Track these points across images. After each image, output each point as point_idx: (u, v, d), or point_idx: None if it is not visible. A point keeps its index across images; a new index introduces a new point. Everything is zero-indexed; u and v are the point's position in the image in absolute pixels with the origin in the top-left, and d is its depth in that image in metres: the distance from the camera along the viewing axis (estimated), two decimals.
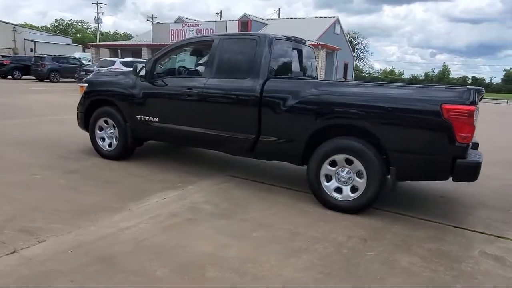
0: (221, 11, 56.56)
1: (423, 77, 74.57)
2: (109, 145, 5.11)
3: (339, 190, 3.63)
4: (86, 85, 5.18)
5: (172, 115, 4.49)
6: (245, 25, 26.95)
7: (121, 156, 5.04)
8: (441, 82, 63.48)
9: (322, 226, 3.30)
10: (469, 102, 3.05)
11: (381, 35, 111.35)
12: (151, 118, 4.61)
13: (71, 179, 4.23)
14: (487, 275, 2.61)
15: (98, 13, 54.93)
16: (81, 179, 4.27)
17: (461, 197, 4.31)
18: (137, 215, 3.33)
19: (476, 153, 3.40)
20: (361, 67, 64.94)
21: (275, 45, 4.06)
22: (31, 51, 42.08)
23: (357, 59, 47.41)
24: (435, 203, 4.10)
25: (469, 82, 66.24)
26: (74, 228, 2.99)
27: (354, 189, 3.56)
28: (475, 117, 3.04)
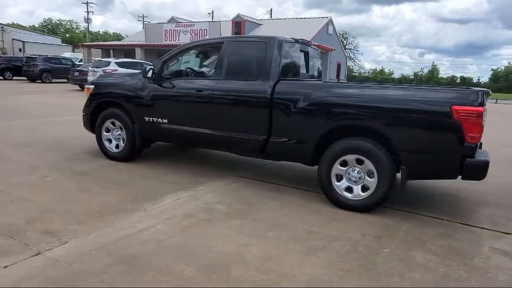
0: (213, 11, 56.47)
1: (413, 77, 75.45)
2: (116, 147, 5.12)
3: (349, 189, 3.71)
4: (92, 87, 5.18)
5: (181, 117, 4.53)
6: (239, 26, 26.99)
7: (128, 157, 5.06)
8: (430, 81, 64.28)
9: (335, 225, 3.38)
10: (478, 103, 3.16)
11: (370, 35, 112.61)
12: (160, 119, 4.65)
13: (81, 181, 4.24)
14: (498, 269, 2.71)
15: (88, 12, 54.55)
16: (91, 180, 4.28)
17: (465, 195, 4.44)
18: (153, 216, 3.37)
19: (483, 152, 3.52)
20: (352, 67, 65.43)
21: (284, 48, 4.13)
22: (20, 51, 41.43)
23: (348, 59, 47.75)
24: (441, 201, 4.21)
25: (457, 81, 67.20)
26: (93, 229, 3.02)
27: (364, 189, 3.65)
28: (483, 117, 3.15)
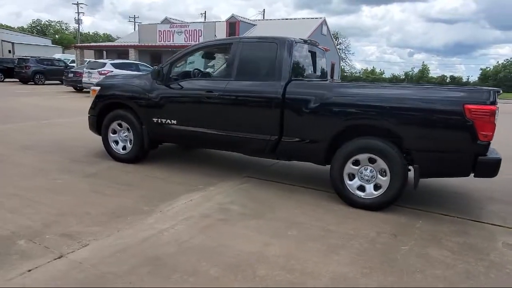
0: (205, 12, 56.31)
1: (404, 77, 76.15)
2: (123, 148, 5.10)
3: (361, 188, 3.76)
4: (98, 88, 5.15)
5: (191, 118, 4.53)
6: (233, 26, 27.00)
7: (135, 159, 5.04)
8: (420, 81, 64.90)
9: (350, 223, 3.42)
10: (490, 102, 3.22)
11: (360, 35, 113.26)
12: (169, 120, 4.64)
13: (93, 183, 4.22)
14: None
15: (78, 13, 53.96)
16: (102, 182, 4.27)
17: (471, 192, 4.51)
18: (170, 217, 3.37)
19: (492, 150, 3.58)
20: (343, 67, 65.80)
21: (294, 48, 4.16)
22: (9, 52, 40.84)
23: (340, 59, 48.01)
24: (449, 198, 4.28)
25: (447, 81, 67.99)
26: (112, 231, 3.02)
27: (377, 187, 3.69)
28: (496, 116, 3.22)
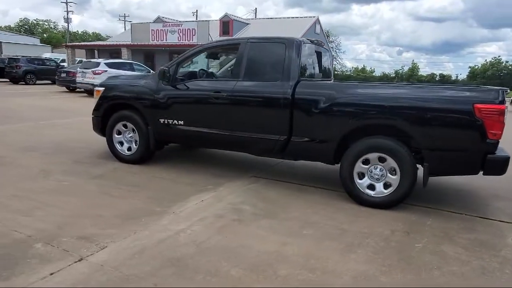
0: (197, 11, 56.04)
1: (394, 75, 76.85)
2: (128, 149, 5.07)
3: (371, 187, 3.80)
4: (102, 89, 5.11)
5: (198, 118, 4.53)
6: (227, 25, 26.95)
7: (140, 160, 5.02)
8: (411, 79, 65.53)
9: (362, 221, 3.46)
10: (498, 101, 3.29)
11: (350, 34, 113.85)
12: (176, 121, 4.63)
13: (100, 184, 4.20)
14: None
15: (68, 12, 53.26)
16: (109, 184, 4.24)
17: (476, 190, 4.59)
18: (183, 218, 3.37)
19: (501, 149, 3.65)
20: (334, 66, 66.04)
21: (302, 48, 4.18)
22: None
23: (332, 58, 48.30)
24: (455, 196, 4.35)
25: (436, 79, 68.75)
26: (128, 233, 3.01)
27: (386, 186, 3.74)
28: (505, 115, 3.28)
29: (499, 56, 64.81)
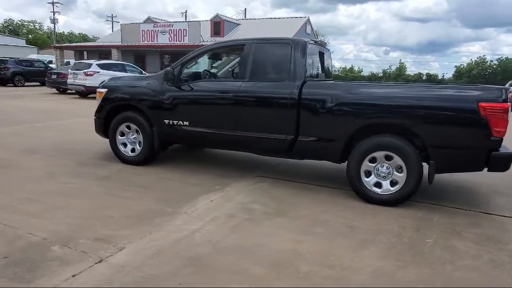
0: (186, 11, 55.83)
1: (382, 74, 77.65)
2: (132, 150, 5.06)
3: (378, 184, 3.87)
4: (105, 90, 5.09)
5: (204, 119, 4.55)
6: (218, 26, 26.91)
7: (144, 161, 5.01)
8: (398, 78, 66.32)
9: (371, 219, 3.52)
10: (502, 99, 3.39)
11: (337, 34, 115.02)
12: (181, 122, 4.64)
13: (107, 186, 4.19)
14: None
15: (54, 12, 52.49)
16: (116, 185, 4.24)
17: (476, 187, 4.71)
18: (196, 218, 3.39)
19: (503, 146, 3.76)
20: None
21: (308, 49, 4.23)
22: None
23: None
24: (456, 193, 4.46)
25: (423, 78, 69.73)
26: (143, 233, 3.02)
27: (393, 183, 3.82)
28: (508, 113, 3.39)
29: (484, 55, 66.20)
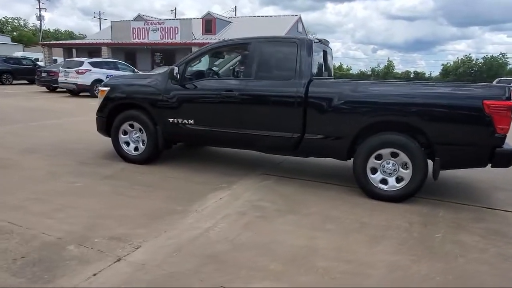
0: (175, 8, 55.41)
1: (370, 72, 78.33)
2: (135, 149, 5.04)
3: (384, 181, 3.94)
4: (107, 89, 5.05)
5: (209, 117, 4.55)
6: (210, 23, 26.80)
7: (148, 159, 5.00)
8: (387, 76, 66.97)
9: (379, 215, 3.59)
10: (505, 97, 3.49)
11: (325, 32, 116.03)
12: (186, 120, 4.64)
13: (113, 185, 4.17)
14: None
15: (40, 9, 51.53)
16: (122, 184, 4.22)
17: (475, 183, 4.82)
18: (207, 216, 3.40)
19: (506, 143, 3.86)
20: None
21: (313, 48, 4.28)
22: None
23: None
24: (456, 189, 4.55)
25: (411, 76, 70.57)
26: (158, 232, 3.02)
27: (398, 180, 3.89)
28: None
29: (469, 54, 67.25)
